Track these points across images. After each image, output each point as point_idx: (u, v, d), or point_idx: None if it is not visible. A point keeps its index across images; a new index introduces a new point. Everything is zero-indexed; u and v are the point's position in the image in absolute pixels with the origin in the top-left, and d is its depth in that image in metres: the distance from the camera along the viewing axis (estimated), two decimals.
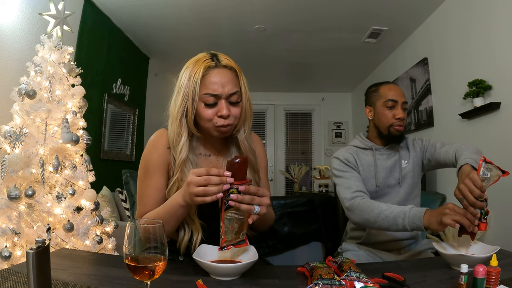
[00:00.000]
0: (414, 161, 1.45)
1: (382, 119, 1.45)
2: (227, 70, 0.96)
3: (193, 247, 0.99)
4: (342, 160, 1.44)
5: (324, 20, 3.44)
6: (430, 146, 1.44)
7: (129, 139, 4.05)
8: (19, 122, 1.60)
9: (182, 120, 0.98)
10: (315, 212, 2.75)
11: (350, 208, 1.29)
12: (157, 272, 0.64)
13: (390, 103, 1.43)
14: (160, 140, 1.04)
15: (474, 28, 2.58)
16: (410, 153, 1.47)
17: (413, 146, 1.49)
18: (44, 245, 0.65)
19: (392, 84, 1.52)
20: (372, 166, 1.44)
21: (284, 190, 6.13)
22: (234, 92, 0.96)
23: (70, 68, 1.76)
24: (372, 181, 1.42)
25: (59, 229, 1.56)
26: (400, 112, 1.42)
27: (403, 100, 1.44)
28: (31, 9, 2.30)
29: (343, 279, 0.76)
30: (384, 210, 1.19)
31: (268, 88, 6.06)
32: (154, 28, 3.69)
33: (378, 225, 1.20)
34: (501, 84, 2.31)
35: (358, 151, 1.49)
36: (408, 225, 1.11)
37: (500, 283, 0.71)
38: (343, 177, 1.40)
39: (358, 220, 1.28)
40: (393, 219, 1.15)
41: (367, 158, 1.46)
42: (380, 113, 1.46)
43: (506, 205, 1.95)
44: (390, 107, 1.43)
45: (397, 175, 1.43)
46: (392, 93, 1.45)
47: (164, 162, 1.02)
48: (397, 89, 1.48)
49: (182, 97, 0.96)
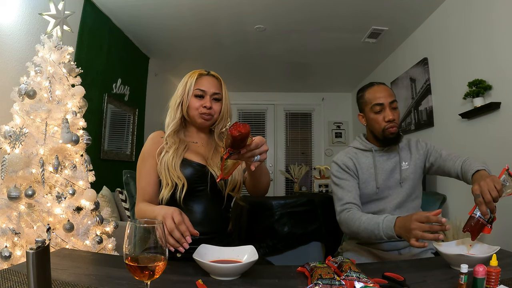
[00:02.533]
0: (416, 163, 1.44)
1: (373, 125, 1.42)
2: (214, 78, 1.31)
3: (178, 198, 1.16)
4: (340, 166, 1.44)
5: (324, 20, 3.44)
6: (435, 151, 1.43)
7: (129, 139, 4.05)
8: (19, 122, 1.60)
9: (178, 108, 1.28)
10: (315, 212, 2.74)
11: (339, 221, 1.37)
12: (157, 272, 0.64)
13: (377, 107, 1.39)
14: (157, 134, 1.30)
15: (474, 28, 2.58)
16: (411, 155, 1.45)
17: (416, 148, 1.47)
18: (44, 245, 0.65)
19: (375, 86, 1.46)
20: (372, 168, 1.43)
21: (284, 190, 6.13)
22: (217, 92, 1.28)
23: (70, 68, 1.76)
24: (373, 183, 1.42)
25: (59, 229, 1.56)
26: (389, 114, 1.38)
27: (389, 101, 1.40)
28: (31, 9, 2.30)
29: (343, 279, 0.76)
30: (363, 222, 1.24)
31: (268, 88, 6.06)
32: (154, 28, 3.69)
33: (361, 236, 1.27)
34: (501, 84, 2.31)
35: (358, 153, 1.47)
36: (384, 235, 1.16)
37: (500, 283, 0.71)
38: (339, 185, 1.41)
39: (347, 232, 1.36)
40: (371, 231, 1.20)
41: (366, 161, 1.45)
42: (370, 119, 1.43)
43: (506, 205, 1.95)
44: (378, 112, 1.40)
45: (397, 176, 1.42)
46: (377, 96, 1.41)
47: (157, 148, 1.24)
48: (381, 90, 1.42)
49: (180, 92, 1.28)
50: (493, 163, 1.30)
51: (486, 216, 0.97)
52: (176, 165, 1.18)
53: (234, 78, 5.39)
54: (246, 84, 5.75)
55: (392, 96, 1.42)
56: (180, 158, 1.20)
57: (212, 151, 1.29)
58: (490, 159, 2.36)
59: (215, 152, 1.29)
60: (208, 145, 1.32)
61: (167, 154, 1.20)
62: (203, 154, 1.27)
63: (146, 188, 1.21)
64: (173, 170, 1.17)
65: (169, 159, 1.19)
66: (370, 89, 1.45)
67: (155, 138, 1.27)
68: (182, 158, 1.21)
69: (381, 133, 1.40)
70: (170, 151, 1.20)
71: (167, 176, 1.17)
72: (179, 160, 1.19)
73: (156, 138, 1.27)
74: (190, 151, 1.26)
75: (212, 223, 1.21)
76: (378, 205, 1.41)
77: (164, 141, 1.24)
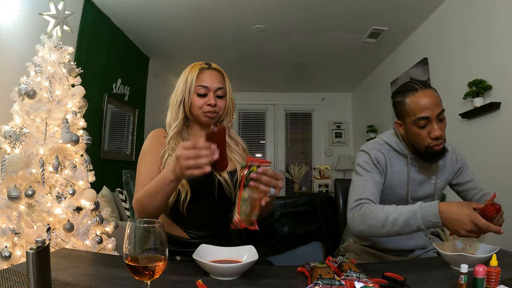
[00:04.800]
0: (447, 178, 1.30)
1: (416, 140, 1.18)
2: (216, 72, 1.22)
3: (181, 205, 1.10)
4: (372, 158, 1.23)
5: (324, 20, 3.45)
6: (467, 173, 1.32)
7: (129, 139, 4.05)
8: (19, 122, 1.60)
9: (180, 107, 1.19)
10: (315, 212, 2.74)
11: (352, 217, 1.15)
12: (157, 272, 0.64)
13: (422, 122, 1.14)
14: (158, 132, 1.22)
15: (474, 28, 2.58)
16: (446, 170, 1.29)
17: (451, 161, 1.30)
18: (44, 245, 0.65)
19: (419, 91, 1.16)
20: (404, 175, 1.25)
21: (284, 190, 6.14)
22: (220, 87, 1.19)
23: (70, 68, 1.76)
24: (400, 191, 1.25)
25: (59, 229, 1.56)
26: (436, 129, 1.13)
27: (437, 112, 1.14)
28: (31, 9, 2.31)
29: (343, 279, 0.76)
30: (391, 212, 1.05)
31: (268, 88, 6.07)
32: (154, 28, 3.69)
33: (386, 230, 1.05)
34: (501, 84, 2.31)
35: (391, 152, 1.27)
36: (423, 224, 0.99)
37: (500, 283, 0.71)
38: (363, 176, 1.21)
39: (361, 229, 1.11)
40: (404, 222, 1.02)
41: (400, 165, 1.25)
42: (412, 133, 1.19)
43: (506, 205, 1.95)
44: (423, 126, 1.15)
45: (427, 190, 1.28)
46: (422, 106, 1.14)
47: (160, 146, 1.17)
48: (428, 98, 1.15)
49: (181, 89, 1.19)
50: (493, 163, 1.30)
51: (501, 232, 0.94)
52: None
53: (234, 78, 5.34)
54: (246, 84, 5.75)
55: (440, 105, 1.16)
56: None
57: None
58: (490, 159, 2.36)
59: None
60: None
61: (170, 158, 1.12)
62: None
63: (147, 180, 1.08)
64: None
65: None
66: (413, 96, 1.17)
67: (157, 136, 1.20)
68: None
69: (424, 150, 1.18)
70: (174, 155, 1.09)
71: None
72: None
73: (158, 136, 1.20)
74: None
75: (214, 227, 1.17)
76: None
77: (167, 144, 1.16)
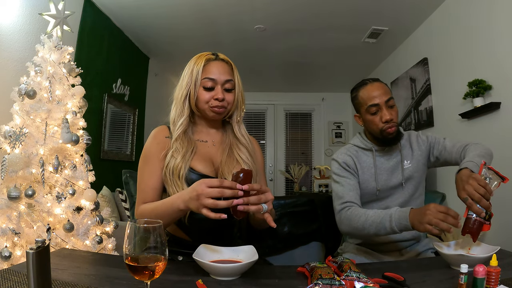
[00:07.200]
0: (418, 160, 1.39)
1: (371, 126, 1.36)
2: (224, 63, 1.13)
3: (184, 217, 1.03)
4: (341, 164, 1.39)
5: (324, 20, 3.44)
6: (438, 143, 1.38)
7: (129, 139, 4.05)
8: (19, 122, 1.60)
9: (185, 102, 1.11)
10: (315, 212, 2.74)
11: (339, 220, 1.32)
12: (157, 272, 0.64)
13: (373, 108, 1.32)
14: (160, 131, 1.14)
15: (474, 28, 2.58)
16: (413, 152, 1.40)
17: (417, 144, 1.41)
18: (44, 245, 0.65)
19: (368, 84, 1.36)
20: (372, 168, 1.39)
21: (284, 190, 6.13)
22: (229, 79, 1.11)
23: (70, 68, 1.76)
24: (373, 183, 1.38)
25: (59, 229, 1.56)
26: (386, 114, 1.30)
27: (385, 99, 1.31)
28: (31, 9, 2.30)
29: (343, 279, 0.76)
30: (370, 216, 1.20)
31: (268, 88, 6.06)
32: (154, 28, 3.69)
33: (366, 231, 1.22)
34: (501, 84, 2.31)
35: (358, 151, 1.43)
36: (396, 226, 1.13)
37: (500, 283, 0.71)
38: (339, 183, 1.37)
39: (347, 230, 1.30)
40: (380, 224, 1.17)
41: (367, 160, 1.40)
42: (366, 120, 1.36)
43: (506, 205, 1.95)
44: (375, 113, 1.32)
45: (399, 176, 1.38)
46: (371, 95, 1.32)
47: (162, 149, 1.09)
48: (376, 88, 1.33)
49: (186, 82, 1.11)
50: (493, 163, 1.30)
51: (482, 215, 0.97)
52: (182, 176, 1.04)
53: None
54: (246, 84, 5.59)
55: (388, 94, 1.33)
56: (187, 166, 1.05)
57: (226, 153, 1.13)
58: None
59: (229, 153, 1.14)
60: (220, 144, 1.17)
61: (173, 159, 1.06)
62: (213, 158, 1.13)
63: (149, 192, 1.07)
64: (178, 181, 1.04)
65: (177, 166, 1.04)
66: (363, 89, 1.36)
67: (159, 138, 1.12)
68: (188, 166, 1.06)
69: (379, 134, 1.34)
70: (178, 158, 1.05)
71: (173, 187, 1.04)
72: (186, 168, 1.05)
73: (159, 137, 1.12)
74: (198, 156, 1.10)
75: (218, 232, 1.12)
76: (379, 204, 1.39)
77: (172, 146, 1.08)
